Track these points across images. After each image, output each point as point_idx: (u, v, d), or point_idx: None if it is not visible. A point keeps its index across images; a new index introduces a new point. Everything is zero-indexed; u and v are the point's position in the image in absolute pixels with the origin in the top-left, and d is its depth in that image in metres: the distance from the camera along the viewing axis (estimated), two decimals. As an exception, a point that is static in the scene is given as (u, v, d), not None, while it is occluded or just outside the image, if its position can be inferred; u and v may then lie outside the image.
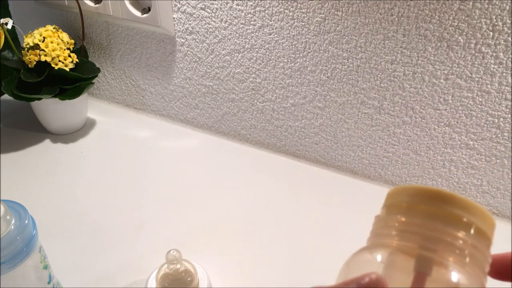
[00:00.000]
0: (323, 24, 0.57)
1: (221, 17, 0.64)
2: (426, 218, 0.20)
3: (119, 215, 0.61)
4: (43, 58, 0.66)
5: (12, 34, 0.69)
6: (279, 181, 0.67)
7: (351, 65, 0.59)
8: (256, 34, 0.63)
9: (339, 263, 0.55)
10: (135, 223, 0.59)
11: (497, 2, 0.47)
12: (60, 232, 0.58)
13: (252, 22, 0.62)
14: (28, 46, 0.66)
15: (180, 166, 0.70)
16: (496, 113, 0.54)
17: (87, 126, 0.78)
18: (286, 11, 0.59)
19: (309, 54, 0.61)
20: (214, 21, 0.65)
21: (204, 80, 0.72)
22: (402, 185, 0.22)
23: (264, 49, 0.63)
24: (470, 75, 0.53)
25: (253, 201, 0.63)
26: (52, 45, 0.67)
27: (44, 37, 0.67)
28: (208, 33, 0.66)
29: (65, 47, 0.69)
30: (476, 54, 0.51)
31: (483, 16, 0.49)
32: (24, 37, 0.68)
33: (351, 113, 0.63)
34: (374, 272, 0.19)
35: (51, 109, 0.72)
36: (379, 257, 0.20)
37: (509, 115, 0.54)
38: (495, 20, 0.48)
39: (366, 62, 0.58)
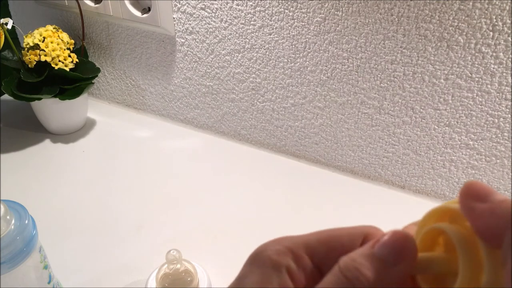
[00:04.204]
0: (323, 24, 0.57)
1: (221, 17, 0.64)
2: None
3: (119, 215, 0.61)
4: (43, 58, 0.66)
5: (12, 34, 0.69)
6: (279, 181, 0.67)
7: (351, 65, 0.59)
8: (256, 34, 0.63)
9: (339, 263, 0.54)
10: (135, 223, 0.59)
11: (497, 2, 0.47)
12: (60, 232, 0.58)
13: (252, 22, 0.62)
14: (28, 46, 0.66)
15: (180, 166, 0.70)
16: (496, 113, 0.54)
17: (87, 126, 0.78)
18: (286, 11, 0.59)
19: (309, 54, 0.61)
20: (214, 21, 0.65)
21: (204, 80, 0.72)
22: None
23: (264, 49, 0.63)
24: (470, 75, 0.53)
25: (253, 201, 0.63)
26: (52, 45, 0.67)
27: (44, 37, 0.67)
28: (208, 33, 0.66)
29: (65, 47, 0.69)
30: (476, 54, 0.51)
31: (483, 16, 0.49)
32: (24, 37, 0.68)
33: (351, 113, 0.63)
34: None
35: (51, 109, 0.72)
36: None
37: (509, 115, 0.54)
38: (495, 20, 0.48)
39: (366, 62, 0.58)
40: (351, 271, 0.18)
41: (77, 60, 0.70)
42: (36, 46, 0.66)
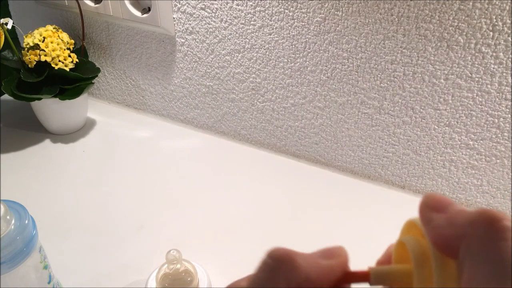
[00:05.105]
0: (323, 24, 0.57)
1: (221, 17, 0.64)
2: None
3: (119, 215, 0.61)
4: (43, 58, 0.66)
5: (12, 34, 0.69)
6: (279, 181, 0.67)
7: (351, 65, 0.59)
8: (256, 34, 0.63)
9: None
10: (135, 223, 0.59)
11: (497, 2, 0.47)
12: (60, 232, 0.58)
13: (252, 22, 0.62)
14: (28, 46, 0.66)
15: (180, 166, 0.70)
16: (496, 113, 0.54)
17: (87, 126, 0.78)
18: (286, 11, 0.59)
19: (309, 54, 0.61)
20: (214, 21, 0.65)
21: (204, 80, 0.72)
22: None
23: (264, 49, 0.63)
24: (470, 75, 0.53)
25: (253, 201, 0.63)
26: (52, 45, 0.67)
27: (44, 37, 0.67)
28: (208, 33, 0.66)
29: (65, 47, 0.69)
30: (476, 54, 0.51)
31: (483, 16, 0.49)
32: (24, 37, 0.68)
33: (351, 113, 0.63)
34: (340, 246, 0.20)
35: (51, 109, 0.72)
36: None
37: (509, 115, 0.54)
38: (495, 20, 0.48)
39: (366, 62, 0.58)
40: (277, 251, 0.19)
41: (77, 60, 0.70)
42: (36, 46, 0.66)
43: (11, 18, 0.73)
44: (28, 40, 0.66)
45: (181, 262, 0.46)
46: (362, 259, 0.60)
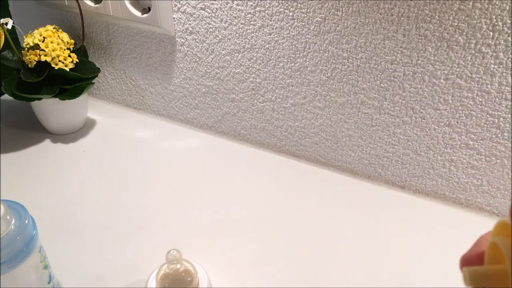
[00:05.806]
0: (323, 24, 0.57)
1: (221, 17, 0.64)
2: None
3: (119, 215, 0.61)
4: (43, 58, 0.66)
5: (12, 34, 0.69)
6: (279, 181, 0.67)
7: (351, 65, 0.59)
8: (256, 34, 0.63)
9: (339, 262, 0.56)
10: (135, 223, 0.59)
11: (497, 2, 0.47)
12: (60, 232, 0.58)
13: (252, 22, 0.62)
14: (28, 46, 0.66)
15: (180, 166, 0.70)
16: (496, 113, 0.54)
17: (87, 126, 0.78)
18: (286, 11, 0.59)
19: (309, 54, 0.61)
20: (214, 21, 0.65)
21: (204, 80, 0.72)
22: None
23: (264, 49, 0.63)
24: (470, 75, 0.53)
25: (253, 201, 0.63)
26: (52, 45, 0.67)
27: (44, 37, 0.67)
28: (208, 33, 0.66)
29: (65, 47, 0.69)
30: (476, 54, 0.51)
31: (483, 16, 0.49)
32: (24, 37, 0.68)
33: (351, 113, 0.63)
34: None
35: (51, 109, 0.72)
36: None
37: (509, 115, 0.54)
38: (495, 20, 0.48)
39: (366, 62, 0.58)
40: None
41: (77, 60, 0.70)
42: (36, 46, 0.66)
43: (11, 18, 0.73)
44: (28, 40, 0.66)
45: (181, 262, 0.46)
46: (362, 259, 0.60)
